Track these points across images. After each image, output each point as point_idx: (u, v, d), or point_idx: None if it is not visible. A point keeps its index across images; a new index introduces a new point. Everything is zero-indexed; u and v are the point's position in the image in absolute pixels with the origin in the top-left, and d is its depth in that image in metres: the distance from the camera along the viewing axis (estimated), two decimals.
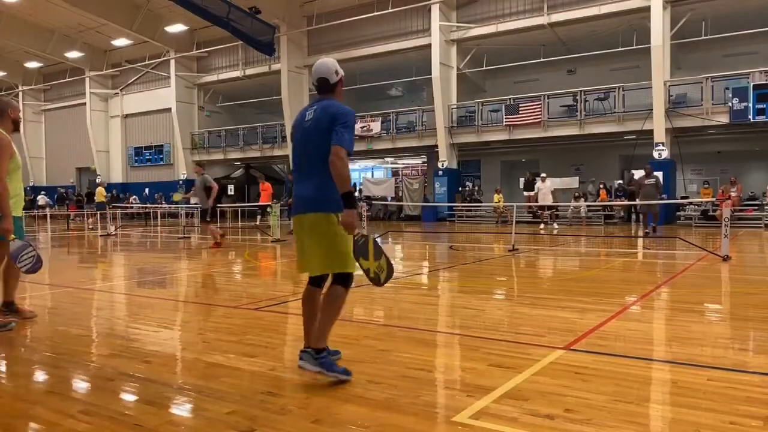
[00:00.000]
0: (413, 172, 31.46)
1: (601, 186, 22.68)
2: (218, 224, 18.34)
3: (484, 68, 25.17)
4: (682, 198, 21.00)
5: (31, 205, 33.00)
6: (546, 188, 18.40)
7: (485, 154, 27.50)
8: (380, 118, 26.36)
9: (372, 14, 25.00)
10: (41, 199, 35.52)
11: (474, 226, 22.15)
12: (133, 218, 29.24)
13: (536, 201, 18.33)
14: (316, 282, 3.61)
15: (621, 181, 23.20)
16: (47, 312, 5.86)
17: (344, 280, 3.45)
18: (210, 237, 13.20)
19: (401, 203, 26.53)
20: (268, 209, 19.22)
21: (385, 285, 3.64)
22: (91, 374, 3.66)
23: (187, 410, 3.04)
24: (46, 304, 6.34)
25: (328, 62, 3.66)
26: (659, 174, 16.07)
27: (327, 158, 3.29)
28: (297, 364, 3.46)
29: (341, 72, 3.71)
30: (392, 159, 33.57)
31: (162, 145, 34.15)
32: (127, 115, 35.85)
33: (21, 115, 5.12)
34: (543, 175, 18.98)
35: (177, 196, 29.04)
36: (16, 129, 4.95)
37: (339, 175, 3.27)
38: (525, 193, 22.21)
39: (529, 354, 3.91)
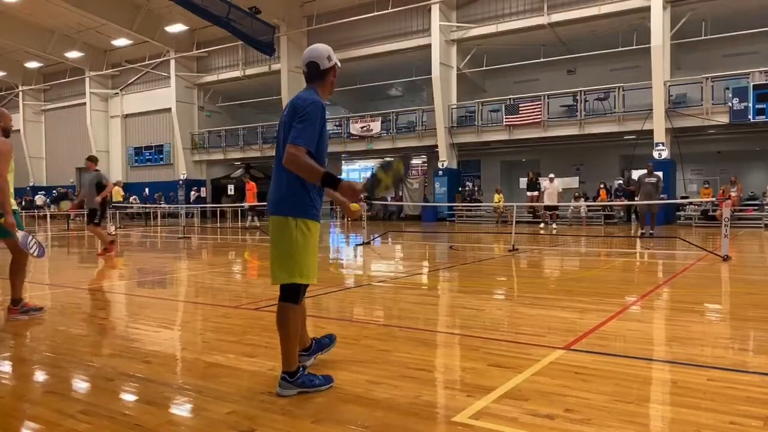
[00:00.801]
0: (413, 172, 31.46)
1: (601, 186, 22.68)
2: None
3: (484, 68, 25.18)
4: (682, 198, 21.01)
5: (30, 205, 33.03)
6: (553, 189, 18.31)
7: (485, 154, 27.51)
8: (380, 118, 26.37)
9: (372, 14, 25.01)
10: (39, 199, 35.54)
11: (474, 226, 22.16)
12: (133, 218, 29.24)
13: (539, 201, 18.26)
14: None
15: (621, 181, 23.19)
16: (47, 312, 5.86)
17: (290, 293, 3.23)
18: (100, 243, 11.37)
19: (401, 203, 26.54)
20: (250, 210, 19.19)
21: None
22: (91, 374, 3.66)
23: (187, 410, 3.04)
24: (46, 304, 6.34)
25: (320, 47, 3.29)
26: (660, 174, 15.77)
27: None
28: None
29: (335, 59, 3.30)
30: None
31: (162, 145, 34.16)
32: (127, 115, 35.86)
33: (12, 123, 5.40)
34: (551, 175, 18.91)
35: (65, 205, 28.79)
36: (6, 136, 5.22)
37: (299, 170, 3.02)
38: (528, 193, 22.19)
39: (529, 354, 3.91)
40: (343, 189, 3.03)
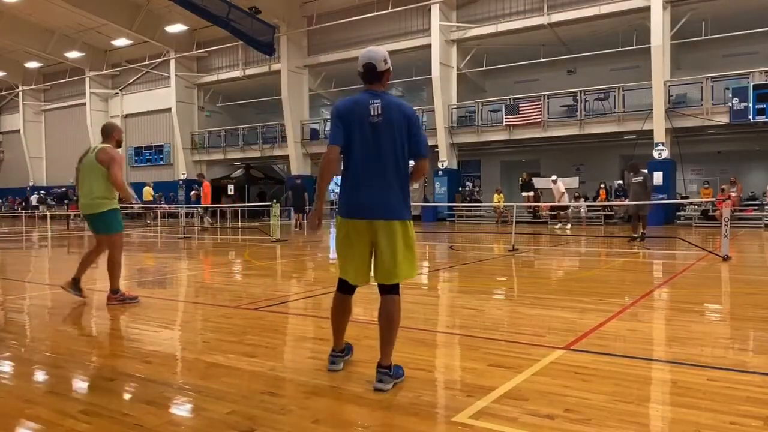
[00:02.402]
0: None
1: (602, 186, 22.68)
2: None
3: (484, 68, 25.18)
4: (682, 198, 21.01)
5: (26, 205, 33.08)
6: (557, 189, 18.18)
7: (485, 154, 27.51)
8: None
9: (372, 14, 25.01)
10: (35, 199, 35.56)
11: (474, 226, 22.16)
12: (133, 218, 29.24)
13: (536, 201, 18.02)
14: (352, 291, 3.53)
15: (621, 181, 23.19)
16: (47, 312, 5.86)
17: (398, 287, 3.41)
18: None
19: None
20: (202, 210, 19.04)
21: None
22: (91, 374, 3.66)
23: (187, 410, 3.04)
24: (46, 304, 6.34)
25: (379, 49, 3.36)
26: (646, 170, 15.04)
27: (403, 163, 3.26)
28: (328, 369, 3.51)
29: (389, 62, 3.38)
30: None
31: (162, 145, 34.14)
32: (127, 115, 35.83)
33: (122, 136, 6.29)
34: (554, 177, 18.81)
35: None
36: (119, 146, 6.12)
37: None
38: (523, 194, 22.20)
39: (529, 354, 3.91)
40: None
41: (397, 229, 3.28)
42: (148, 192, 24.75)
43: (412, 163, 3.43)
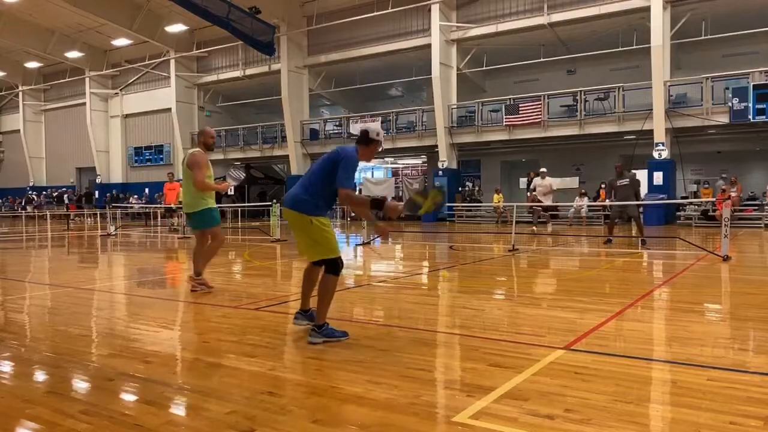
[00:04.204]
0: (413, 172, 31.49)
1: (602, 186, 22.67)
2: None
3: (484, 68, 25.17)
4: (682, 198, 21.00)
5: (24, 204, 33.06)
6: (545, 186, 16.45)
7: (485, 154, 27.50)
8: (380, 118, 26.35)
9: (372, 14, 25.00)
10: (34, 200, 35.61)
11: (474, 226, 22.16)
12: (133, 218, 29.25)
13: (535, 199, 16.65)
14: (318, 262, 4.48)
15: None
16: (47, 312, 5.86)
17: (331, 266, 4.33)
18: None
19: (401, 203, 26.49)
20: (174, 208, 18.81)
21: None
22: (91, 374, 3.66)
23: (187, 410, 3.04)
24: (46, 304, 6.35)
25: (377, 126, 4.63)
26: (634, 172, 13.77)
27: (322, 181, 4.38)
28: (293, 323, 4.55)
29: (381, 138, 4.51)
30: (392, 159, 33.56)
31: (162, 145, 34.15)
32: (127, 115, 35.85)
33: (212, 140, 6.87)
34: (543, 170, 17.38)
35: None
36: (210, 149, 6.75)
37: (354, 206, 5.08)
38: (528, 194, 22.15)
39: (529, 354, 3.91)
40: (388, 209, 4.39)
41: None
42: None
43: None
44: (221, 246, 7.01)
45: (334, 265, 4.32)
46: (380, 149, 4.56)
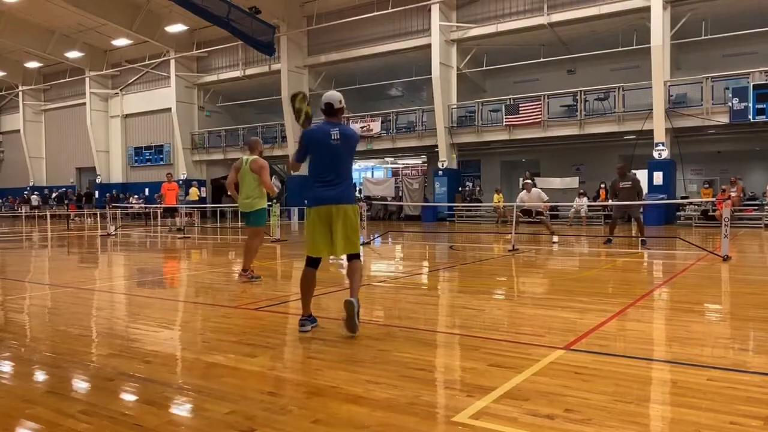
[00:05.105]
0: (413, 172, 31.48)
1: (602, 186, 22.68)
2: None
3: (484, 68, 25.18)
4: (682, 198, 21.00)
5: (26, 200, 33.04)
6: (531, 199, 14.14)
7: (485, 154, 27.51)
8: (380, 118, 26.37)
9: (372, 14, 25.00)
10: (34, 200, 35.60)
11: (474, 226, 22.15)
12: (133, 218, 29.24)
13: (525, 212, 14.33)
14: (317, 265, 4.65)
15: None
16: (47, 312, 5.86)
17: (359, 255, 4.70)
18: None
19: (401, 203, 26.53)
20: (176, 210, 18.80)
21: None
22: (91, 374, 3.66)
23: (187, 410, 3.04)
24: (46, 304, 6.35)
25: (336, 93, 4.64)
26: (635, 172, 13.51)
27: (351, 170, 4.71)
28: (300, 331, 4.55)
29: (343, 102, 4.64)
30: (392, 159, 33.57)
31: (162, 145, 34.15)
32: (127, 115, 35.85)
33: (262, 148, 7.92)
34: (527, 181, 15.15)
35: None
36: (261, 155, 7.62)
37: None
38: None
39: (529, 354, 3.91)
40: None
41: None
42: (194, 192, 25.03)
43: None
44: (260, 242, 7.95)
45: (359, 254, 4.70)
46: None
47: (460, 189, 25.92)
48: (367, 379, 3.39)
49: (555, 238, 13.71)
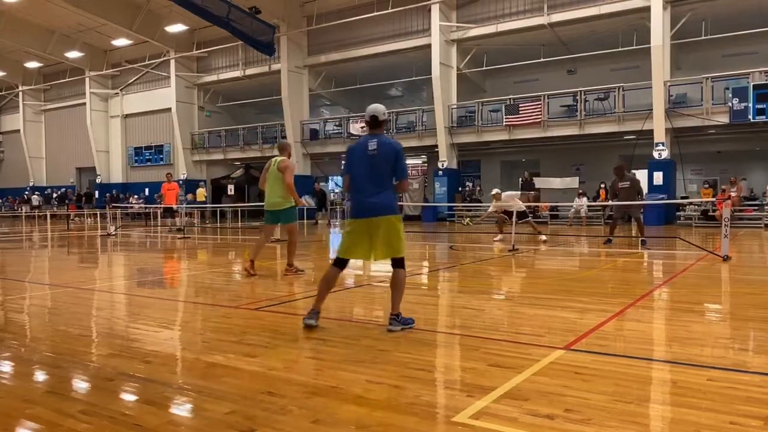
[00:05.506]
0: (413, 172, 31.45)
1: (602, 186, 22.68)
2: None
3: (484, 68, 25.17)
4: (682, 198, 21.00)
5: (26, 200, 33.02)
6: (502, 206, 13.93)
7: (485, 154, 27.51)
8: None
9: (372, 14, 25.00)
10: (35, 199, 35.60)
11: (474, 226, 22.13)
12: (133, 218, 29.24)
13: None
14: (343, 266, 4.79)
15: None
16: (47, 312, 5.86)
17: (402, 262, 4.70)
18: None
19: (401, 203, 26.50)
20: (176, 209, 18.75)
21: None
22: (91, 374, 3.66)
23: (187, 410, 3.04)
24: (46, 304, 6.35)
25: (380, 106, 4.77)
26: (634, 172, 13.47)
27: (391, 179, 4.68)
28: (304, 323, 4.67)
29: (387, 114, 4.79)
30: None
31: (162, 145, 34.15)
32: (127, 115, 35.85)
33: (291, 150, 8.36)
34: (495, 191, 14.38)
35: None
36: (290, 158, 8.01)
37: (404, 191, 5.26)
38: (530, 193, 22.14)
39: (529, 354, 3.91)
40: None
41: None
42: (201, 193, 25.09)
43: None
44: (297, 237, 8.38)
45: (403, 261, 4.71)
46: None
47: (460, 189, 25.91)
48: (367, 379, 3.39)
49: (543, 237, 13.66)
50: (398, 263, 4.67)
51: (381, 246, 4.59)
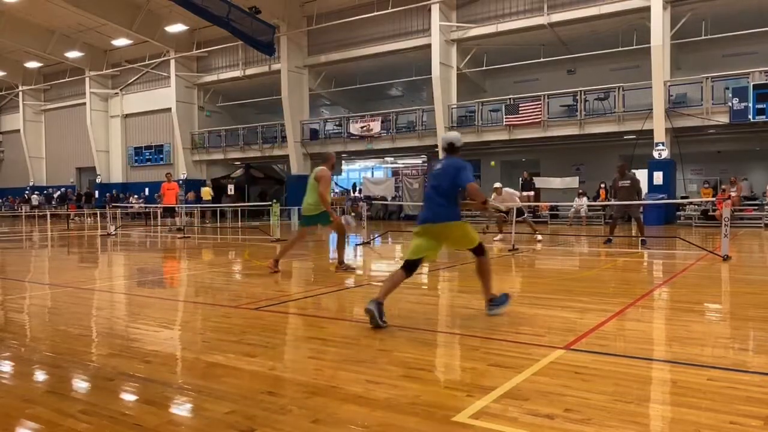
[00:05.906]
0: (413, 172, 31.45)
1: (602, 186, 22.68)
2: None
3: (484, 68, 25.16)
4: (682, 198, 21.00)
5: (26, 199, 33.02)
6: (504, 201, 14.06)
7: (485, 154, 27.49)
8: (380, 118, 26.35)
9: (372, 14, 24.99)
10: (35, 199, 35.61)
11: (474, 226, 22.12)
12: (133, 218, 29.24)
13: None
14: (411, 271, 5.11)
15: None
16: (47, 312, 5.86)
17: (480, 249, 5.24)
18: None
19: (401, 203, 26.52)
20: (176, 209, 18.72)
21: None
22: (91, 374, 3.66)
23: (187, 410, 3.04)
24: (46, 304, 6.35)
25: (457, 134, 5.43)
26: (634, 172, 13.50)
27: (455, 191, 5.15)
28: (367, 308, 4.72)
29: (461, 142, 5.36)
30: (392, 159, 33.57)
31: (162, 145, 34.14)
32: (127, 115, 35.84)
33: (334, 160, 8.67)
34: (497, 184, 14.92)
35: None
36: (332, 168, 8.46)
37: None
38: (524, 193, 22.16)
39: (529, 354, 3.91)
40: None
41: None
42: (207, 192, 25.08)
43: None
44: (344, 234, 8.67)
45: (482, 248, 5.21)
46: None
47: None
48: (367, 379, 3.39)
49: (539, 237, 13.64)
50: (477, 251, 5.20)
51: (450, 245, 5.38)
